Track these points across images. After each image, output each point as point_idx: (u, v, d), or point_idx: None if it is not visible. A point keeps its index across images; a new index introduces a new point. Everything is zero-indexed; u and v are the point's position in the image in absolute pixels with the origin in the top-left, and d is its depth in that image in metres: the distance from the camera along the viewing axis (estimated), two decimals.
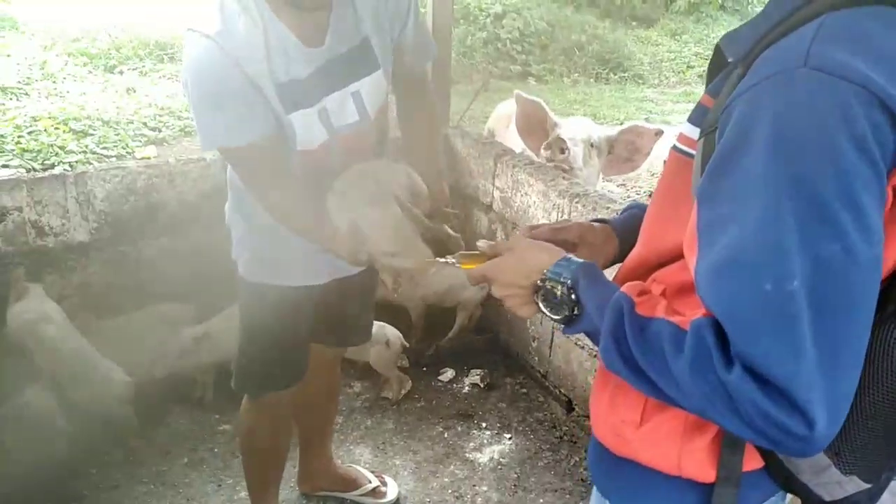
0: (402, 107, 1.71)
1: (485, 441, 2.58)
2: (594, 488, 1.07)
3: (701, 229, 0.75)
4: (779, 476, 0.88)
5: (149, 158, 4.08)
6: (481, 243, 1.04)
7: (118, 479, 2.30)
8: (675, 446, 0.89)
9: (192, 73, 1.35)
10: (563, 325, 0.91)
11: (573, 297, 0.88)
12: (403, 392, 2.77)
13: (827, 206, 0.66)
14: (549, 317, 0.91)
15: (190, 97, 1.39)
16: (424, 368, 2.93)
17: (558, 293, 0.89)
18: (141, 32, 6.31)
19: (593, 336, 0.88)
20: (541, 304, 0.92)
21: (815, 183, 0.66)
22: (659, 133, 2.82)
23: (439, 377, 2.89)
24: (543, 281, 0.91)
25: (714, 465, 0.88)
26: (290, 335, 1.78)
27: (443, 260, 1.16)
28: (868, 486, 0.84)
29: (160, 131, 4.50)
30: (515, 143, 3.11)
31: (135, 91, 5.27)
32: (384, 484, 2.31)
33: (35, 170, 3.69)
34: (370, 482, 2.28)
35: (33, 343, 2.24)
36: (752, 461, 0.88)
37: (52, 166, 3.88)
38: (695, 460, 0.88)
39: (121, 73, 5.74)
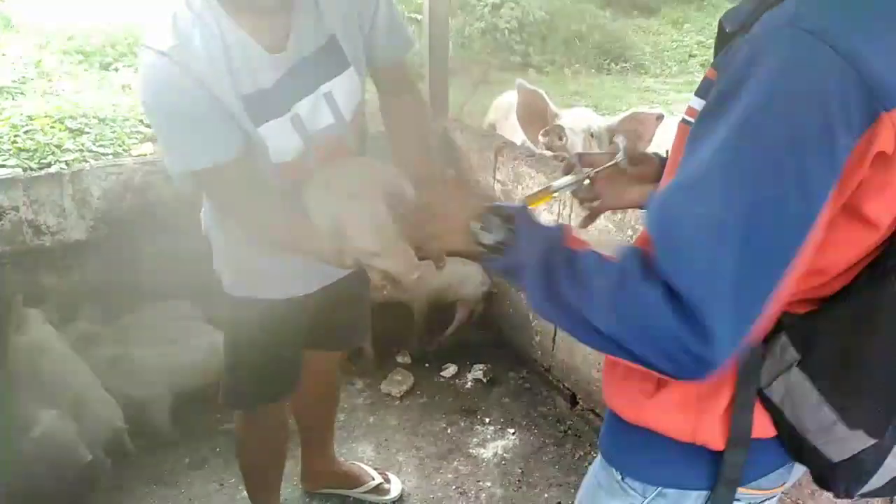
0: (384, 104, 1.61)
1: (488, 436, 2.56)
2: (597, 461, 1.09)
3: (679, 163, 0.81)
4: (791, 444, 0.90)
5: (145, 155, 4.05)
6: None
7: (120, 479, 2.28)
8: (691, 413, 0.91)
9: (149, 95, 1.27)
10: (488, 259, 0.96)
11: (509, 228, 0.93)
12: (405, 388, 2.75)
13: (778, 160, 0.71)
14: (480, 244, 0.96)
15: (150, 119, 1.32)
16: (427, 364, 2.91)
17: (496, 222, 0.95)
18: (135, 29, 6.27)
19: (516, 272, 0.90)
20: (477, 228, 0.96)
21: (772, 136, 0.71)
22: (660, 117, 2.79)
23: (441, 373, 2.86)
24: (489, 209, 0.97)
25: (727, 433, 0.90)
26: (280, 348, 1.71)
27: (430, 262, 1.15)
28: (873, 440, 0.86)
29: None
30: (516, 134, 3.08)
31: (130, 88, 5.24)
32: (387, 481, 2.29)
33: (32, 169, 3.67)
34: (373, 479, 2.26)
35: (37, 373, 2.17)
36: (763, 429, 0.90)
37: (49, 165, 3.86)
38: (709, 426, 0.90)
39: (116, 70, 5.71)
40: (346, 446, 2.47)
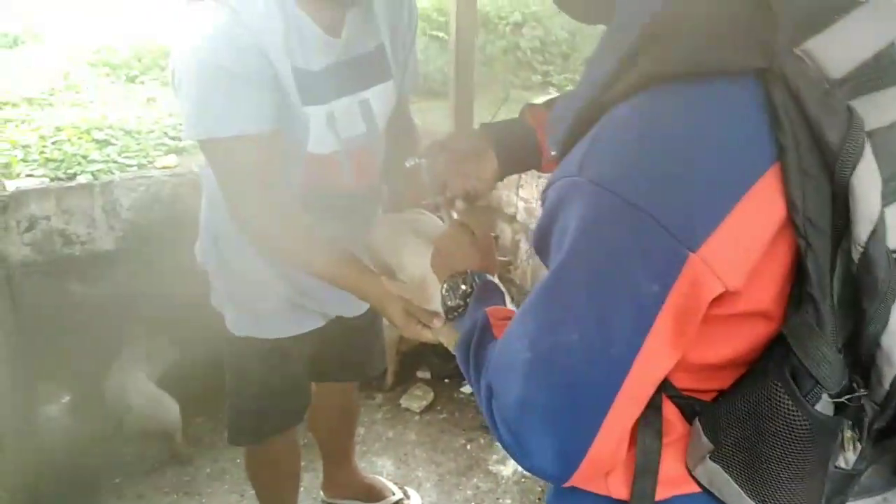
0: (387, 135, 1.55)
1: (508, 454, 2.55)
2: None
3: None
4: None
5: (170, 167, 4.11)
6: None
7: (142, 489, 2.30)
8: (602, 480, 0.85)
9: (200, 48, 1.19)
10: (446, 313, 1.07)
11: (466, 300, 1.04)
12: (425, 403, 2.75)
13: (575, 305, 0.72)
14: (443, 300, 1.07)
15: (182, 73, 1.23)
16: (447, 380, 2.91)
17: (460, 291, 1.05)
18: (161, 43, 6.37)
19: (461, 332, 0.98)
20: (444, 288, 1.08)
21: (573, 283, 0.72)
22: None
23: (461, 389, 2.86)
24: (463, 276, 1.06)
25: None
26: (287, 384, 1.66)
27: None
28: None
29: (180, 140, 4.55)
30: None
31: (155, 101, 5.32)
32: (407, 496, 2.28)
33: (59, 179, 3.73)
34: (394, 494, 2.26)
35: None
36: (671, 488, 0.83)
37: (76, 175, 3.92)
38: (620, 477, 0.84)
39: (142, 83, 5.80)
40: (366, 460, 2.47)
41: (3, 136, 4.05)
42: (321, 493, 2.29)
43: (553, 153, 0.83)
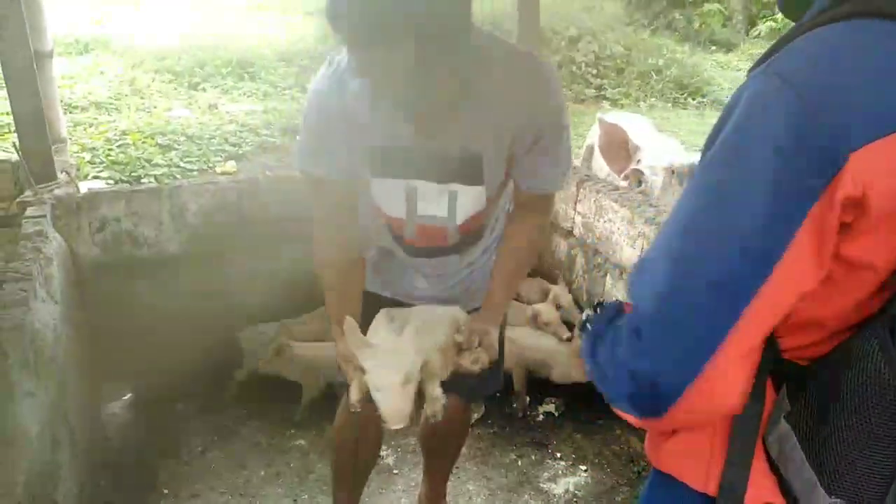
0: (512, 212, 1.58)
1: (559, 472, 2.52)
2: None
3: None
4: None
5: (230, 173, 4.21)
6: None
7: (198, 488, 2.34)
8: (703, 459, 0.86)
9: (312, 91, 1.40)
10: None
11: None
12: (476, 417, 2.74)
13: (734, 194, 0.73)
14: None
15: (303, 112, 1.45)
16: (497, 394, 2.89)
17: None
18: (223, 52, 6.54)
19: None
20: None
21: (732, 171, 0.73)
22: None
23: (513, 404, 2.84)
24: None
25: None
26: None
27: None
28: None
29: (240, 147, 4.65)
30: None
31: (216, 107, 5.46)
32: None
33: (124, 181, 3.85)
34: None
35: None
36: (768, 493, 0.82)
37: (140, 178, 4.05)
38: (716, 480, 0.85)
39: (204, 90, 5.97)
40: (416, 471, 2.47)
41: (73, 139, 4.21)
42: None
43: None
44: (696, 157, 2.98)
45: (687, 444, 0.88)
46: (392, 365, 1.28)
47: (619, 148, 3.07)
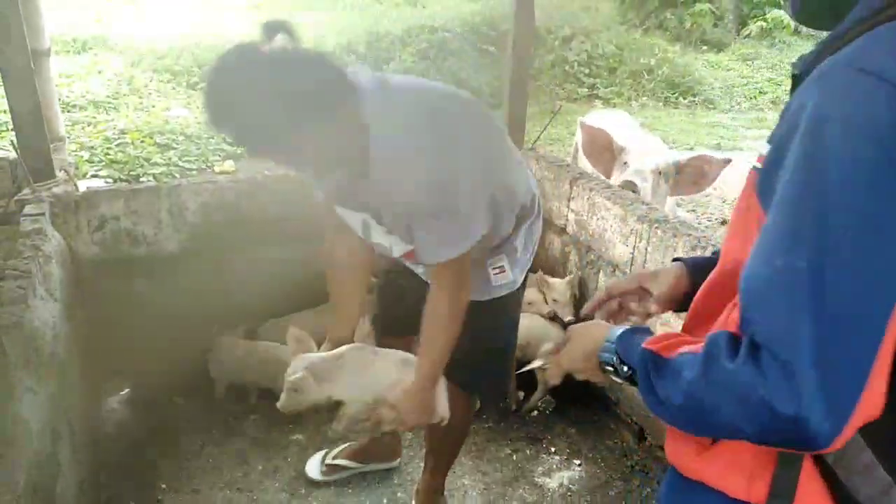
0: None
1: (554, 466, 2.56)
2: None
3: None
4: None
5: (228, 172, 4.24)
6: (546, 347, 1.18)
7: (197, 483, 2.36)
8: (746, 467, 0.86)
9: None
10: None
11: (625, 367, 0.98)
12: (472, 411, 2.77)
13: (844, 198, 0.69)
14: (622, 381, 1.01)
15: None
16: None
17: (614, 371, 1.00)
18: (222, 51, 6.55)
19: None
20: (612, 377, 1.03)
21: (836, 175, 0.69)
22: (728, 161, 2.86)
23: (507, 399, 2.88)
24: (601, 365, 1.02)
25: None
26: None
27: None
28: None
29: (238, 147, 4.67)
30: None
31: None
32: None
33: (123, 180, 3.88)
34: None
35: None
36: (818, 498, 0.84)
37: (138, 177, 4.08)
38: (762, 482, 0.85)
39: (202, 89, 5.98)
40: (413, 465, 2.50)
41: (72, 137, 4.24)
42: None
43: (794, 72, 0.85)
44: (678, 155, 3.06)
45: (733, 450, 0.88)
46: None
47: (603, 149, 3.12)
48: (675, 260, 1.25)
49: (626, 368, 0.97)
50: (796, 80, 0.85)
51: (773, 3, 9.83)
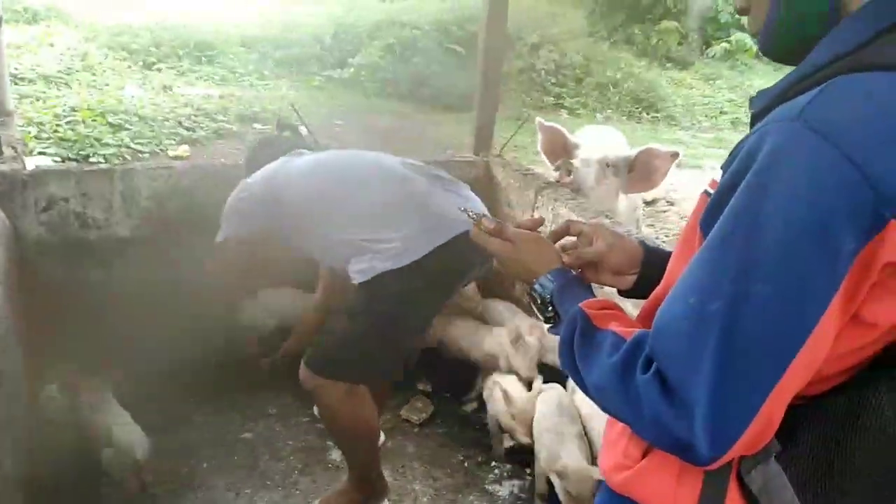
0: None
1: (505, 474, 2.55)
2: None
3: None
4: None
5: (183, 157, 4.10)
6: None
7: (142, 475, 2.27)
8: (671, 484, 0.86)
9: None
10: (547, 325, 1.03)
11: (551, 308, 1.01)
12: (425, 416, 2.74)
13: (768, 254, 0.71)
14: (538, 315, 1.04)
15: None
16: (448, 395, 2.90)
17: (540, 302, 1.03)
18: (182, 32, 6.38)
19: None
20: (532, 305, 1.05)
21: (767, 230, 0.71)
22: (675, 155, 2.87)
23: (463, 406, 2.86)
24: (532, 289, 1.04)
25: None
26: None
27: None
28: None
29: (194, 131, 4.53)
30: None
31: (171, 89, 5.31)
32: None
33: (71, 159, 3.71)
34: None
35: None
36: None
37: (88, 157, 3.91)
38: (690, 500, 0.85)
39: (159, 70, 5.80)
40: None
41: (19, 112, 4.04)
42: None
43: (752, 110, 0.86)
44: (629, 151, 3.06)
45: (659, 466, 0.88)
46: None
47: (559, 147, 3.13)
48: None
49: (550, 309, 1.00)
50: (752, 118, 0.86)
51: (738, 25, 10.07)
